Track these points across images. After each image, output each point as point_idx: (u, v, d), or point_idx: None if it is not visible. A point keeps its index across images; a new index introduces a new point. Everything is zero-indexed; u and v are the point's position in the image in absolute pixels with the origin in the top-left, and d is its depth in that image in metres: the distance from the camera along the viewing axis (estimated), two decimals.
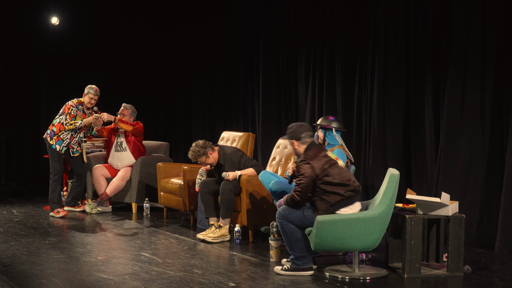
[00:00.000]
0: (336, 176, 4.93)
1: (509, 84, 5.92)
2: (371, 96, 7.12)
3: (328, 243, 4.86)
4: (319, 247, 4.88)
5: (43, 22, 10.64)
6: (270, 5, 8.68)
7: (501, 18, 5.94)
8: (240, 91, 9.40)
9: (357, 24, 7.37)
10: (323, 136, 6.11)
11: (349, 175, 5.05)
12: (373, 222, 4.81)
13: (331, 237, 4.82)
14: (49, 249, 5.88)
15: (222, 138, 7.75)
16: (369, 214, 4.82)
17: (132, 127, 7.94)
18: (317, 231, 4.80)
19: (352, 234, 4.81)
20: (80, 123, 7.56)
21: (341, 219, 4.81)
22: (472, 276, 4.98)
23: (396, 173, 4.90)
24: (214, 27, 9.96)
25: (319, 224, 4.79)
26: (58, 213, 7.56)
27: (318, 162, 4.94)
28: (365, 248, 4.89)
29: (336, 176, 4.93)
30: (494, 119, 6.05)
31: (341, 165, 5.91)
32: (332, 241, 4.84)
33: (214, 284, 4.71)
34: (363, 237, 4.82)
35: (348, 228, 4.80)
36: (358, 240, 4.83)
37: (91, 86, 7.72)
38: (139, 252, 5.77)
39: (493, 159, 6.06)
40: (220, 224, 6.24)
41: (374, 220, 4.81)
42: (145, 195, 8.01)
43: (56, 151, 7.59)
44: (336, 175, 4.94)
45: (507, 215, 5.72)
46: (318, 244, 4.86)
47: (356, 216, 4.82)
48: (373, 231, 4.82)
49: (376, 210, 4.83)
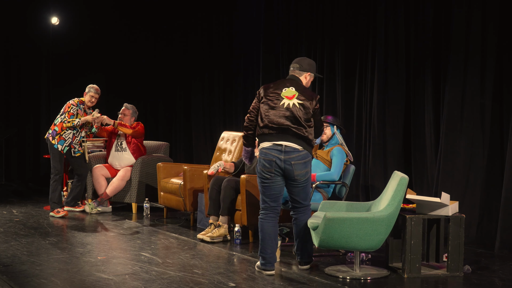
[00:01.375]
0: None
1: (509, 84, 5.92)
2: (371, 95, 7.12)
3: (334, 241, 4.85)
4: (324, 243, 4.87)
5: (43, 22, 10.65)
6: (270, 4, 8.68)
7: (501, 18, 5.94)
8: (240, 90, 9.40)
9: (357, 23, 7.37)
10: (331, 134, 6.10)
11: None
12: (381, 223, 4.81)
13: (337, 235, 4.82)
14: (49, 249, 5.88)
15: (222, 138, 7.75)
16: (377, 214, 4.82)
17: (132, 129, 7.95)
18: (324, 228, 4.79)
19: (358, 233, 4.81)
20: (78, 121, 7.57)
21: (349, 217, 4.81)
22: (472, 276, 4.98)
23: (406, 177, 4.90)
24: (214, 26, 9.96)
25: (328, 221, 4.78)
26: (58, 213, 7.56)
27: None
28: (369, 249, 4.89)
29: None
30: (494, 119, 6.06)
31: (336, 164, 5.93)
32: (338, 239, 4.84)
33: (214, 284, 4.71)
34: (368, 237, 4.82)
35: (355, 227, 4.80)
36: (364, 240, 4.83)
37: (92, 85, 7.75)
38: (139, 252, 5.77)
39: (493, 159, 6.06)
40: (219, 223, 6.24)
41: (382, 221, 4.81)
42: (145, 195, 8.01)
43: (57, 151, 7.59)
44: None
45: (507, 215, 5.73)
46: (324, 241, 4.85)
47: (365, 216, 4.82)
48: (379, 232, 4.82)
49: (384, 211, 4.83)
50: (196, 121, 10.31)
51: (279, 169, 4.95)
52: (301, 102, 4.99)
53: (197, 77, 10.29)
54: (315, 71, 5.27)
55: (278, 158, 4.92)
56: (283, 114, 4.96)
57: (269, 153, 4.94)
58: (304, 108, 4.98)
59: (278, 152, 4.92)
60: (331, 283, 4.80)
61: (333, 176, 5.90)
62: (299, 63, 5.20)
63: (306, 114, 4.99)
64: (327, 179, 5.88)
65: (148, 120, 10.30)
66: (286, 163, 4.92)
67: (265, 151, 4.97)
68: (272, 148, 4.95)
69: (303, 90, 5.07)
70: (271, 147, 4.95)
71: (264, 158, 4.96)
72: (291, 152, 4.92)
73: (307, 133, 4.98)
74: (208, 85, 10.13)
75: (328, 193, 5.99)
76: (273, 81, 5.34)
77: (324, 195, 5.94)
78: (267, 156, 4.95)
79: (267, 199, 5.04)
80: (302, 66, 5.19)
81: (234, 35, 9.59)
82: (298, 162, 4.94)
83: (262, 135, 5.02)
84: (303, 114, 4.97)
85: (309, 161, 5.01)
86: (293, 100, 4.99)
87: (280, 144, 4.93)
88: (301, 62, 5.21)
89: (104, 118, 7.76)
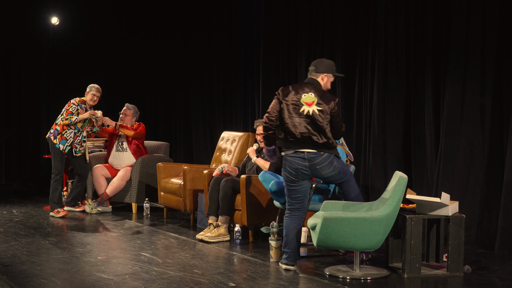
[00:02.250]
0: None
1: (509, 84, 5.92)
2: (371, 95, 7.12)
3: (331, 240, 4.87)
4: (322, 243, 4.89)
5: (43, 22, 10.65)
6: (270, 3, 8.68)
7: (501, 17, 5.94)
8: (240, 90, 9.40)
9: (357, 23, 7.36)
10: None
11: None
12: (379, 223, 4.81)
13: (335, 235, 4.83)
14: (49, 249, 5.88)
15: (222, 138, 7.76)
16: (375, 214, 4.82)
17: (134, 131, 7.98)
18: (321, 227, 4.80)
19: (356, 233, 4.82)
20: (75, 118, 7.57)
21: (347, 217, 4.82)
22: (472, 276, 4.98)
23: (405, 176, 4.90)
24: (214, 26, 9.96)
25: (325, 221, 4.79)
26: (58, 213, 7.56)
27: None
28: (367, 248, 4.89)
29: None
30: (494, 119, 6.05)
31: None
32: (336, 239, 4.85)
33: (214, 284, 4.71)
34: (367, 237, 4.83)
35: (353, 227, 4.81)
36: (362, 240, 4.83)
37: (93, 85, 7.79)
38: (139, 252, 5.77)
39: (493, 159, 6.06)
40: (218, 223, 6.24)
41: (380, 221, 4.81)
42: (145, 195, 8.01)
43: (58, 151, 7.59)
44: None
45: (507, 215, 5.72)
46: (321, 240, 4.87)
47: (363, 215, 4.82)
48: (378, 232, 4.83)
49: (382, 211, 4.83)
50: (196, 121, 10.31)
51: (306, 175, 5.10)
52: (320, 108, 5.07)
53: (197, 77, 10.29)
54: (334, 71, 5.31)
55: (303, 165, 5.07)
56: (303, 122, 5.06)
57: (294, 161, 5.09)
58: (323, 113, 5.07)
59: (302, 159, 5.08)
60: (331, 283, 4.80)
61: None
62: (316, 65, 5.27)
63: (326, 119, 5.08)
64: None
65: (148, 120, 10.29)
66: (312, 168, 5.08)
67: (290, 159, 5.11)
68: (295, 156, 5.09)
69: (322, 94, 5.14)
70: (294, 154, 5.09)
71: (289, 166, 5.10)
72: (314, 157, 5.07)
73: (327, 138, 5.08)
74: (208, 85, 10.12)
75: (328, 193, 5.99)
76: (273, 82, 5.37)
77: (324, 195, 5.93)
78: (292, 164, 5.09)
79: (292, 201, 5.19)
80: (318, 68, 5.24)
81: (234, 34, 9.58)
82: (323, 165, 5.08)
83: (283, 140, 5.15)
84: (323, 120, 5.06)
85: (334, 158, 5.13)
86: (312, 107, 5.07)
87: (302, 152, 5.07)
88: (318, 64, 5.27)
89: (106, 119, 7.78)
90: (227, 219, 6.25)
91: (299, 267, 5.25)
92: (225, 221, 6.24)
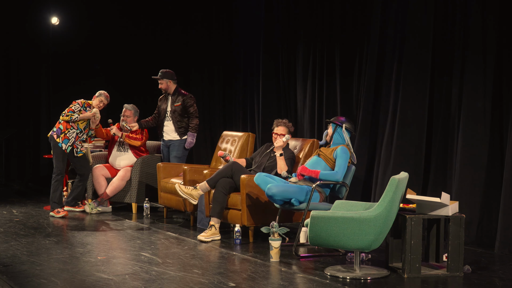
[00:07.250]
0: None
1: (509, 84, 5.92)
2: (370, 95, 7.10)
3: (321, 239, 4.93)
4: (313, 241, 4.96)
5: (43, 22, 10.64)
6: (270, 3, 8.68)
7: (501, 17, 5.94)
8: (240, 90, 9.40)
9: (356, 22, 7.36)
10: (332, 132, 6.12)
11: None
12: (368, 223, 4.80)
13: (324, 233, 4.88)
14: (49, 249, 5.88)
15: (222, 138, 7.76)
16: (363, 215, 4.83)
17: (140, 141, 8.10)
18: (310, 226, 4.90)
19: (345, 232, 4.84)
20: (76, 116, 7.58)
21: (334, 216, 4.86)
22: (472, 276, 4.98)
23: (397, 176, 4.86)
24: (214, 25, 9.96)
25: (313, 219, 4.88)
26: (58, 213, 7.56)
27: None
28: (360, 248, 4.89)
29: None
30: (494, 119, 6.05)
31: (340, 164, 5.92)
32: (325, 237, 4.90)
33: (214, 284, 4.71)
34: (356, 237, 4.83)
35: (341, 227, 4.83)
36: (352, 239, 4.84)
37: (103, 91, 7.92)
38: (139, 252, 5.77)
39: (493, 159, 6.06)
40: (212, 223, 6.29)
41: (369, 222, 4.80)
42: (145, 195, 8.02)
43: (61, 150, 7.60)
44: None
45: (507, 215, 5.73)
46: (312, 238, 4.94)
47: (350, 215, 4.84)
48: (367, 232, 4.82)
49: (372, 212, 4.83)
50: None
51: None
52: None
53: (197, 77, 10.28)
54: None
55: None
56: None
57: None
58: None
59: None
60: (331, 283, 4.80)
61: (337, 177, 5.86)
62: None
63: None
64: (330, 179, 5.85)
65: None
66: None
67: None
68: None
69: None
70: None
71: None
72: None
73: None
74: (208, 85, 10.12)
75: (325, 192, 5.99)
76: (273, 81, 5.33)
77: (322, 194, 5.93)
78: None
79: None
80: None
81: (234, 33, 9.58)
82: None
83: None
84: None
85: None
86: None
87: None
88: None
89: (114, 128, 7.93)
90: (217, 220, 6.30)
91: (299, 267, 5.25)
92: (217, 221, 6.29)
